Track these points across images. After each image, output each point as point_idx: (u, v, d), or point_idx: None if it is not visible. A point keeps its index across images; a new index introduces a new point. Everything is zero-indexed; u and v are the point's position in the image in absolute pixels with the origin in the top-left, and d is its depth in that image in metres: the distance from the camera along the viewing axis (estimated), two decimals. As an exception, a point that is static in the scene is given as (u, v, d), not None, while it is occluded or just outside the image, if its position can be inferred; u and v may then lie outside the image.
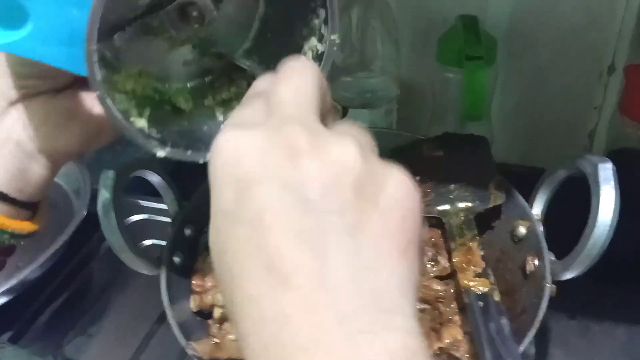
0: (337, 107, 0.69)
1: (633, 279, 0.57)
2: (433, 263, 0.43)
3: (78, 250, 0.57)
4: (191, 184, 0.48)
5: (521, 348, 0.35)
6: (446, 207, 0.45)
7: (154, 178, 0.44)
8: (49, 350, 0.47)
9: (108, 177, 0.39)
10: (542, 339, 0.55)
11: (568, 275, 0.39)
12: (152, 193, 0.56)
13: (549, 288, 0.38)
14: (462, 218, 0.44)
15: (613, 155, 0.59)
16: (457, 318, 0.41)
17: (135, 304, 0.52)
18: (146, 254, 0.42)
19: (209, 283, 0.42)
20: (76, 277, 0.55)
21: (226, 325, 0.41)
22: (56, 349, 0.48)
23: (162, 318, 0.50)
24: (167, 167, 0.45)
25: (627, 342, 0.55)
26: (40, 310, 0.51)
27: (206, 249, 0.45)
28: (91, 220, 0.52)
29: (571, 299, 0.56)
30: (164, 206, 0.54)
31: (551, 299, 0.39)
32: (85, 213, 0.54)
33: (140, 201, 0.61)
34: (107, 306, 0.52)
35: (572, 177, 0.42)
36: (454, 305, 0.42)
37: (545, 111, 0.70)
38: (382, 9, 0.66)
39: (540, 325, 0.38)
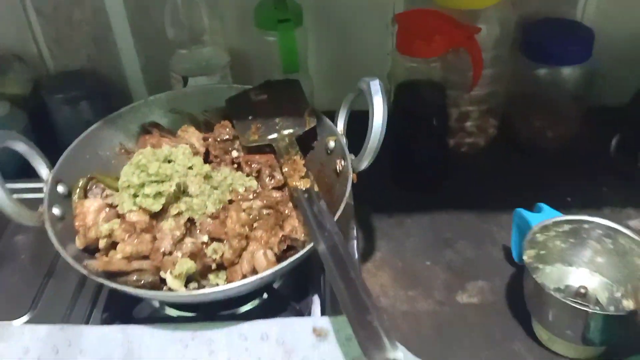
0: (176, 77, 0.80)
1: (428, 186, 0.78)
2: (270, 178, 0.57)
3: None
4: (53, 150, 0.57)
5: (335, 217, 0.51)
6: (274, 135, 0.59)
7: (21, 146, 0.52)
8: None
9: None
10: (369, 235, 0.72)
11: (363, 166, 0.55)
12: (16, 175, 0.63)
13: (351, 176, 0.54)
14: (287, 141, 0.58)
15: (402, 87, 0.78)
16: (293, 213, 0.56)
17: (22, 265, 0.60)
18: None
19: (89, 221, 0.52)
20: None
21: (112, 252, 0.51)
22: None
23: (49, 273, 0.59)
24: (30, 137, 0.54)
25: (430, 227, 0.75)
26: None
27: (79, 198, 0.55)
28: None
29: (388, 204, 0.75)
30: (29, 184, 0.62)
31: (358, 192, 0.55)
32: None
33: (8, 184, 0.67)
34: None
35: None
36: (290, 205, 0.56)
37: (351, 61, 0.88)
38: (200, -12, 0.78)
39: (364, 221, 0.54)
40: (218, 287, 0.48)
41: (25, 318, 0.55)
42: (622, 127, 0.82)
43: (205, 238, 0.52)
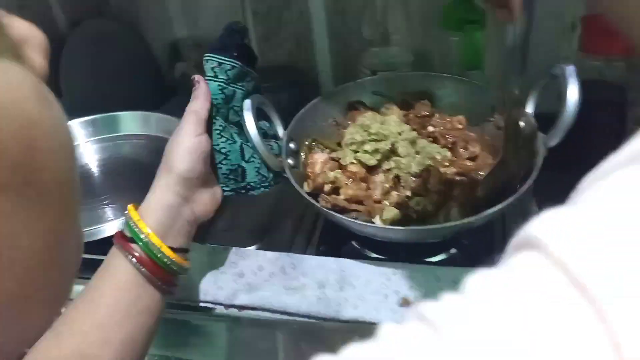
0: (366, 72, 0.92)
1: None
2: (464, 149, 0.67)
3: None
4: (289, 116, 0.71)
5: (524, 188, 0.59)
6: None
7: (268, 108, 0.67)
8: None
9: (248, 103, 0.62)
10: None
11: (553, 143, 0.63)
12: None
13: (542, 151, 0.62)
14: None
15: (583, 86, 0.83)
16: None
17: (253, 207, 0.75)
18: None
19: (317, 170, 0.65)
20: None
21: (332, 196, 0.64)
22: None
23: (273, 214, 0.73)
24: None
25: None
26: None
27: (309, 152, 0.68)
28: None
29: (557, 192, 0.80)
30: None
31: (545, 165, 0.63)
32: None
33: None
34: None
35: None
36: (481, 173, 0.66)
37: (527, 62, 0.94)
38: (398, -7, 0.90)
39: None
40: (427, 226, 0.58)
41: (256, 246, 0.69)
42: None
43: (408, 193, 0.63)
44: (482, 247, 0.65)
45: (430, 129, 0.71)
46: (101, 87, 0.99)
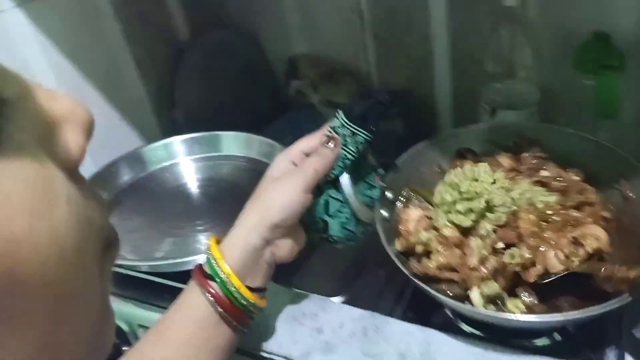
0: (485, 108, 0.85)
1: None
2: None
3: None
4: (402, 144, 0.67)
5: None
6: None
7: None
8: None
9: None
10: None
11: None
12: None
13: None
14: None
15: None
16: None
17: (341, 254, 0.72)
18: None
19: (411, 228, 0.61)
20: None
21: (424, 260, 0.59)
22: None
23: (362, 265, 0.70)
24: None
25: None
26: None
27: (403, 206, 0.64)
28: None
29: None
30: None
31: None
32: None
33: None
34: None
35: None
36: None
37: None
38: (527, 27, 0.82)
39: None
40: (518, 315, 0.52)
41: (340, 298, 0.67)
42: None
43: (501, 245, 0.57)
44: (592, 336, 0.57)
45: (544, 173, 0.64)
46: (216, 97, 1.01)
